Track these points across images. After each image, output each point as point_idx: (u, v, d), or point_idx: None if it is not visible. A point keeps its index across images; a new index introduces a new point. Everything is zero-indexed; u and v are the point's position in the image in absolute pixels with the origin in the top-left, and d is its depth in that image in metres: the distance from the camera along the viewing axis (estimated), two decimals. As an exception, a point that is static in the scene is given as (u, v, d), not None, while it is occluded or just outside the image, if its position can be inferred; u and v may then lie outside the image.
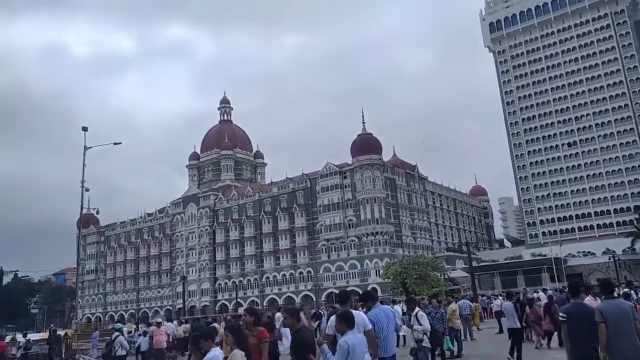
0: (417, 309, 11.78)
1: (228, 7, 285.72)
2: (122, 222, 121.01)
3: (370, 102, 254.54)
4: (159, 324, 20.16)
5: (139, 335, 25.12)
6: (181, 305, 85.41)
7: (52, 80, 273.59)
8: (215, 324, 18.58)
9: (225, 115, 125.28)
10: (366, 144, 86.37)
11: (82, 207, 33.11)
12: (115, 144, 35.33)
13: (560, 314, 7.70)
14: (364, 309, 7.99)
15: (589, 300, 10.42)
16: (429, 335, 11.17)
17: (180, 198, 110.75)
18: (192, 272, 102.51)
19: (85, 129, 31.24)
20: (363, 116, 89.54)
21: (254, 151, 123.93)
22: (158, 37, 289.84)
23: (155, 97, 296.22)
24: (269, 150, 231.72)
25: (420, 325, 11.20)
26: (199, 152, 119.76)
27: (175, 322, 30.42)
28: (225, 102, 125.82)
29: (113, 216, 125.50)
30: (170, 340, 21.68)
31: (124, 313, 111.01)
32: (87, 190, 32.47)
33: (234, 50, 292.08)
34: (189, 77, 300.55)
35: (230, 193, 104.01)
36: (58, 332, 28.50)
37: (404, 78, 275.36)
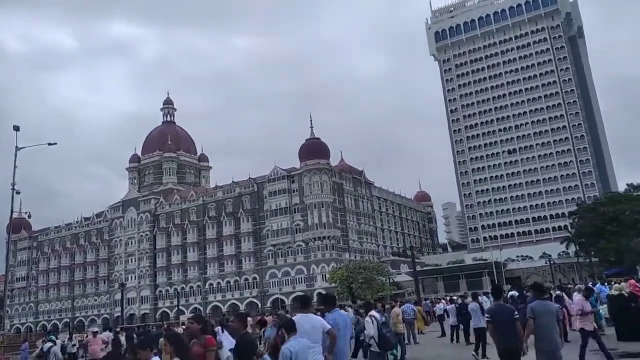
0: (371, 312, 11.31)
1: (175, 6, 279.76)
2: (57, 227, 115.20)
3: (320, 106, 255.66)
4: (94, 333, 19.02)
5: (73, 345, 23.79)
6: (119, 314, 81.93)
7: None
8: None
9: (169, 116, 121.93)
10: (314, 149, 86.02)
11: (12, 211, 31.39)
12: (49, 144, 33.59)
13: (485, 314, 8.93)
14: (319, 313, 8.45)
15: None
16: (376, 339, 10.76)
17: (119, 202, 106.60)
18: (132, 279, 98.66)
19: (16, 128, 29.67)
20: (311, 121, 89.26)
21: (198, 154, 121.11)
22: (100, 34, 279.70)
23: (96, 96, 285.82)
24: (214, 154, 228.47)
25: (367, 330, 10.81)
26: (140, 154, 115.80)
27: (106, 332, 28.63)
28: (168, 102, 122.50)
29: (47, 220, 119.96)
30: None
31: (57, 322, 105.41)
32: (18, 192, 31.08)
33: (181, 51, 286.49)
34: (133, 76, 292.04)
35: (172, 197, 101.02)
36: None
37: (354, 83, 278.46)
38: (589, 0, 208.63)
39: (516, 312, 8.47)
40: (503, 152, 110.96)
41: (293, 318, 7.40)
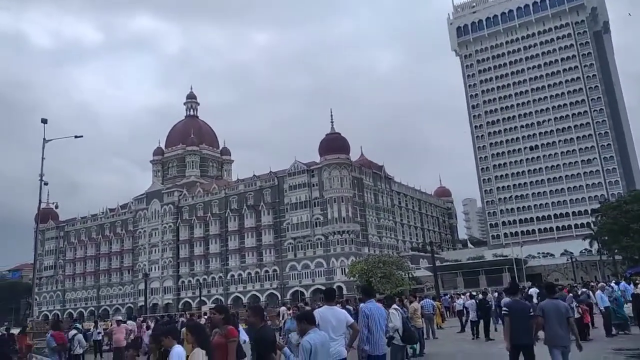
0: (394, 305, 11.81)
1: (197, 1, 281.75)
2: (83, 218, 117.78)
3: (339, 101, 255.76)
4: (119, 322, 19.71)
5: (99, 333, 24.50)
6: (143, 303, 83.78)
7: (10, 69, 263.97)
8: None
9: (192, 110, 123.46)
10: (334, 144, 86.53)
11: (40, 201, 32.11)
12: (76, 137, 34.10)
13: (503, 308, 9.28)
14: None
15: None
16: (400, 333, 11.21)
17: (143, 194, 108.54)
18: (155, 270, 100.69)
19: (44, 121, 30.23)
20: (332, 115, 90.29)
21: (220, 148, 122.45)
22: (124, 29, 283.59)
23: (120, 89, 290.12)
24: (236, 147, 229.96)
25: (391, 322, 11.23)
26: (163, 147, 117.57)
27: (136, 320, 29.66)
28: (191, 97, 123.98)
29: (73, 211, 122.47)
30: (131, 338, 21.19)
31: (83, 310, 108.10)
32: (46, 184, 31.48)
33: (203, 45, 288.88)
34: (156, 70, 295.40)
35: (195, 190, 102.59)
36: (11, 331, 27.48)
37: (373, 77, 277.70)
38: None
39: (532, 310, 9.08)
40: (525, 148, 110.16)
41: (318, 310, 7.59)
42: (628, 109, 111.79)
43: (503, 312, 9.20)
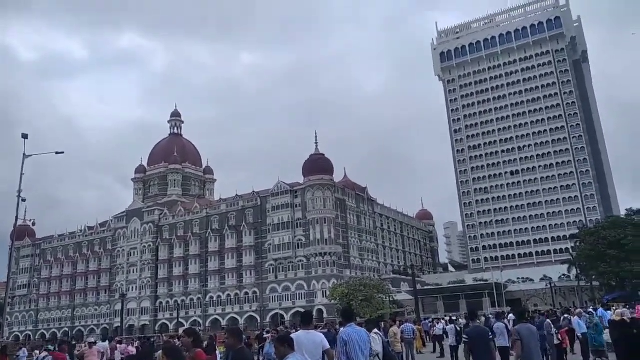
0: (374, 330, 11.70)
1: (184, 19, 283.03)
2: (61, 235, 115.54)
3: (324, 121, 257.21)
4: (91, 344, 19.10)
5: (44, 358, 23.32)
6: (119, 324, 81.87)
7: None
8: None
9: (176, 128, 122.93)
10: (318, 164, 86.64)
11: (17, 218, 31.33)
12: (57, 153, 33.61)
13: (463, 335, 9.98)
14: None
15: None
16: (380, 357, 11.06)
17: (123, 212, 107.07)
18: (133, 290, 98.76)
19: (25, 136, 29.70)
20: (316, 136, 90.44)
21: (203, 167, 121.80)
22: (111, 45, 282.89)
23: (104, 105, 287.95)
24: (219, 166, 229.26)
25: (373, 346, 11.10)
26: (146, 165, 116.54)
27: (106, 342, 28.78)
28: (176, 115, 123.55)
29: (51, 228, 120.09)
30: None
31: (56, 331, 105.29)
32: (23, 200, 30.88)
33: (189, 63, 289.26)
34: (141, 87, 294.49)
35: (176, 209, 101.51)
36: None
37: (358, 99, 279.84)
38: (594, 25, 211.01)
39: (490, 334, 9.85)
40: (506, 173, 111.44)
41: (295, 334, 7.52)
42: (606, 136, 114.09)
43: (464, 339, 9.82)
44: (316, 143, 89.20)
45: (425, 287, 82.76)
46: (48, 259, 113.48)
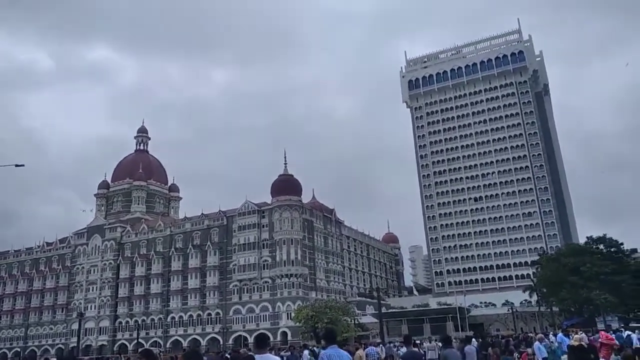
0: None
1: (155, 35, 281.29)
2: (17, 251, 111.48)
3: (293, 142, 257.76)
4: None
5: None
6: (75, 344, 79.10)
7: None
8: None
9: (142, 145, 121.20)
10: (286, 185, 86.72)
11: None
12: (17, 165, 32.68)
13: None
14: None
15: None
16: None
17: (84, 228, 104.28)
18: (91, 309, 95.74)
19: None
20: (285, 157, 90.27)
21: (169, 184, 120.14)
22: (78, 58, 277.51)
23: (68, 118, 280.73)
24: (185, 184, 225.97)
25: None
26: (109, 180, 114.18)
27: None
28: (142, 131, 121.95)
29: (6, 243, 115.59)
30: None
31: (7, 352, 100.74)
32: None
33: (157, 79, 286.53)
34: (108, 102, 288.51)
35: (139, 226, 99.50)
36: None
37: (329, 122, 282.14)
38: (556, 60, 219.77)
39: (423, 358, 10.80)
40: (469, 199, 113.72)
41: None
42: (566, 165, 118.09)
43: None
44: (285, 163, 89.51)
45: (390, 310, 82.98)
46: (2, 275, 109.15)
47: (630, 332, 26.98)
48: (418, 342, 35.72)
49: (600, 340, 19.03)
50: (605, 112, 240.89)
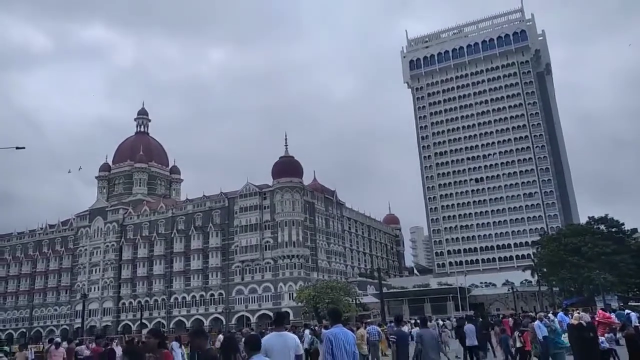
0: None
1: (153, 14, 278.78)
2: (20, 233, 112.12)
3: (294, 123, 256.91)
4: (57, 345, 18.58)
5: (26, 357, 22.73)
6: (79, 325, 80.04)
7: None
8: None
9: (142, 127, 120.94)
10: (287, 167, 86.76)
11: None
12: (17, 148, 32.54)
13: (391, 336, 12.50)
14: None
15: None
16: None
17: (86, 210, 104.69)
18: (95, 290, 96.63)
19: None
20: (286, 139, 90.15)
21: (170, 166, 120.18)
22: (76, 37, 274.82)
23: (67, 99, 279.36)
24: (186, 166, 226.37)
25: None
26: (110, 163, 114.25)
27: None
28: (143, 113, 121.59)
29: (8, 226, 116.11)
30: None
31: (13, 332, 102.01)
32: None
33: (156, 59, 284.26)
34: (106, 82, 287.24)
35: (141, 208, 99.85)
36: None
37: (329, 103, 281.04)
38: (558, 39, 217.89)
39: (411, 337, 11.94)
40: (470, 180, 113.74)
41: (266, 336, 7.40)
42: (567, 146, 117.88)
43: (391, 339, 12.42)
44: (286, 145, 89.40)
45: (391, 290, 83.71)
46: (5, 257, 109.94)
47: (630, 311, 27.26)
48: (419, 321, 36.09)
49: (597, 318, 19.25)
50: (608, 91, 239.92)
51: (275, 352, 6.83)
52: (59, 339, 21.53)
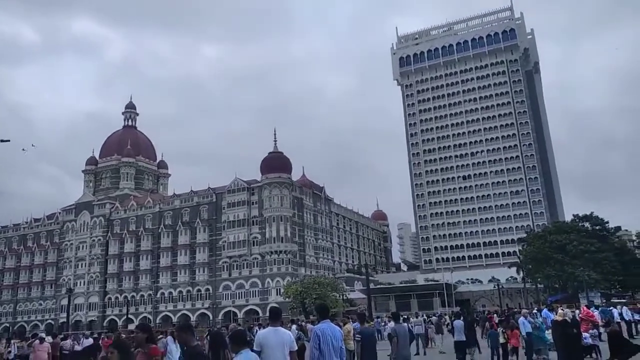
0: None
1: (143, 8, 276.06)
2: (4, 227, 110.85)
3: (284, 120, 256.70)
4: (41, 340, 18.43)
5: (9, 352, 22.48)
6: (65, 320, 79.36)
7: None
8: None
9: (130, 120, 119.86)
10: (276, 162, 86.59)
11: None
12: (2, 141, 32.24)
13: (356, 335, 11.95)
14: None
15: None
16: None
17: (72, 204, 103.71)
18: (80, 285, 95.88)
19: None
20: (275, 134, 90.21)
21: (157, 160, 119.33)
22: (64, 31, 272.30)
23: (55, 93, 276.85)
24: (175, 162, 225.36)
25: None
26: (97, 157, 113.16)
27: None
28: (131, 107, 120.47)
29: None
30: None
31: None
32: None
33: (146, 54, 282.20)
34: (96, 76, 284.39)
35: (128, 203, 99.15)
36: None
37: (320, 100, 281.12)
38: (546, 38, 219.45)
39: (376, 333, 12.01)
40: (458, 177, 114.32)
41: (262, 331, 7.42)
42: (556, 144, 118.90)
43: (356, 338, 12.11)
44: (275, 141, 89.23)
45: (378, 286, 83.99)
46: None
47: (612, 308, 27.65)
48: (405, 317, 36.33)
49: (580, 315, 19.47)
50: (597, 89, 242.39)
51: (271, 347, 6.84)
52: (43, 334, 21.32)
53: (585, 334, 17.28)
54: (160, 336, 14.02)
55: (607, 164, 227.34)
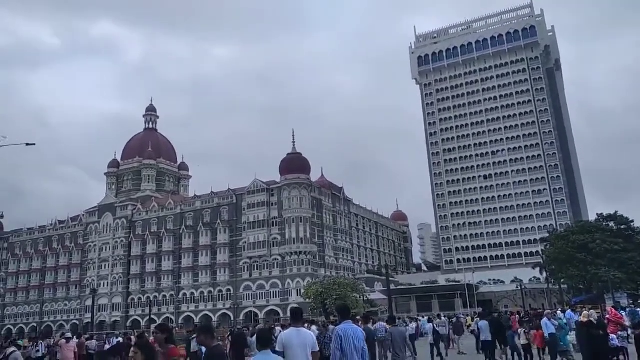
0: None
1: (160, 10, 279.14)
2: (30, 229, 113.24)
3: (301, 120, 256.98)
4: (68, 339, 18.83)
5: (37, 351, 22.95)
6: (89, 320, 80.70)
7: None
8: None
9: (151, 123, 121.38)
10: (295, 163, 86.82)
11: (-17, 210, 30.54)
12: (28, 144, 32.58)
13: (378, 335, 12.98)
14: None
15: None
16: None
17: (95, 207, 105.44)
18: (104, 286, 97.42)
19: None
20: (294, 135, 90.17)
21: (178, 162, 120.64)
22: (83, 34, 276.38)
23: (75, 95, 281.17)
24: (194, 163, 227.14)
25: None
26: (119, 159, 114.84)
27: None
28: (151, 109, 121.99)
29: (19, 222, 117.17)
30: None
31: (24, 327, 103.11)
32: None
33: (164, 56, 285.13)
34: (115, 79, 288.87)
35: (150, 204, 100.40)
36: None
37: (336, 99, 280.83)
38: (567, 35, 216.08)
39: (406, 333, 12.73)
40: (479, 176, 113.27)
41: (285, 332, 7.50)
42: (577, 142, 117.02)
43: (380, 337, 13.18)
44: (293, 142, 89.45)
45: (399, 287, 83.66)
46: (16, 253, 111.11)
47: (639, 309, 27.08)
48: (429, 317, 36.10)
49: (607, 317, 19.17)
50: (618, 87, 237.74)
51: (294, 348, 6.92)
52: (69, 334, 21.78)
53: (612, 336, 16.99)
54: (194, 336, 14.37)
55: (630, 163, 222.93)
